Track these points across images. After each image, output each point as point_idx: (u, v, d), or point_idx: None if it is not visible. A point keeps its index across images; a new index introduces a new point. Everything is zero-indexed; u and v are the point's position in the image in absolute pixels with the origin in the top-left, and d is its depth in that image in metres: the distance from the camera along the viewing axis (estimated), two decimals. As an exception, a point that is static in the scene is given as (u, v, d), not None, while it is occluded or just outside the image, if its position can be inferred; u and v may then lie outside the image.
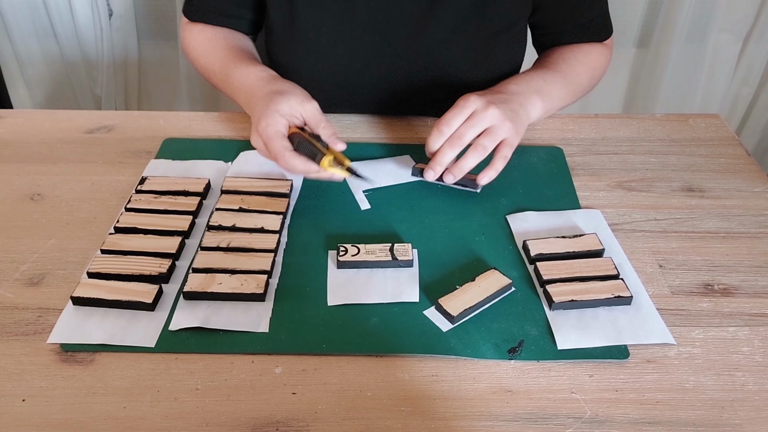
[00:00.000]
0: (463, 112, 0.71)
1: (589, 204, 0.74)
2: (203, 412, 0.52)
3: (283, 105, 0.70)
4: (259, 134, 0.71)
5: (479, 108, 0.71)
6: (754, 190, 0.77)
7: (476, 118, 0.71)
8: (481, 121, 0.70)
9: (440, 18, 0.80)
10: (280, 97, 0.71)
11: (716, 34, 1.56)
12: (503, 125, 0.71)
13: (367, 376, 0.55)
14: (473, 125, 0.70)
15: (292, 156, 0.68)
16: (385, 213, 0.72)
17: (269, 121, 0.69)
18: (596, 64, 0.88)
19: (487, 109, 0.71)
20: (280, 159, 0.68)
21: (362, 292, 0.62)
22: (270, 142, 0.69)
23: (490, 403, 0.53)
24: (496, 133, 0.71)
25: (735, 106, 1.72)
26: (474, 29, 0.81)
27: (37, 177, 0.76)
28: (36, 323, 0.59)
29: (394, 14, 0.81)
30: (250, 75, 0.78)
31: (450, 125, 0.71)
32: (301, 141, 0.70)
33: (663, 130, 0.87)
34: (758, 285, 0.64)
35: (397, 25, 0.81)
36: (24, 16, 1.52)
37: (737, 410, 0.53)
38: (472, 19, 0.81)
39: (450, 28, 0.81)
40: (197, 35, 0.88)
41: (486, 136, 0.71)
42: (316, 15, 0.80)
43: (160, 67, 1.64)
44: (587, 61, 0.87)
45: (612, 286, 0.61)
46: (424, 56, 0.83)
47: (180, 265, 0.64)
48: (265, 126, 0.69)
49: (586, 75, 0.86)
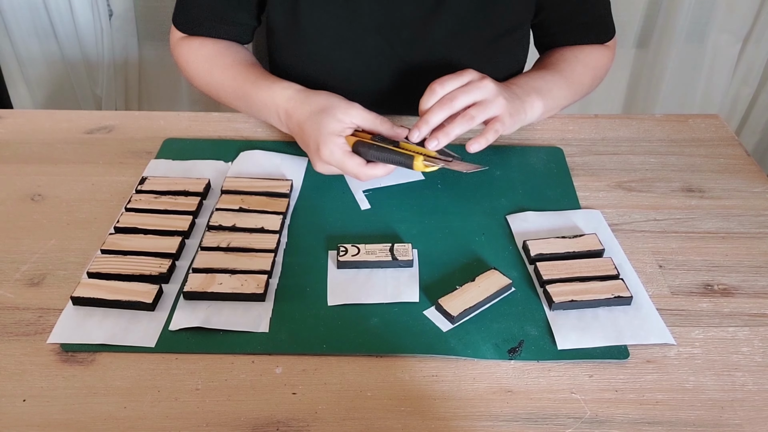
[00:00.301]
0: (460, 78, 0.71)
1: (589, 204, 0.74)
2: (203, 412, 0.52)
3: (333, 124, 0.69)
4: (324, 162, 0.70)
5: (475, 78, 0.71)
6: (754, 191, 0.77)
7: (471, 86, 0.70)
8: (475, 91, 0.70)
9: (443, 21, 0.80)
10: (325, 116, 0.70)
11: (716, 35, 1.56)
12: (496, 100, 0.70)
13: (367, 376, 0.55)
14: (467, 91, 0.70)
15: (370, 168, 0.69)
16: (385, 213, 0.72)
17: (331, 148, 0.69)
18: (598, 65, 0.88)
19: (483, 80, 0.71)
20: (361, 176, 0.69)
21: (362, 293, 0.62)
22: (343, 166, 0.69)
23: (490, 403, 0.53)
24: (488, 107, 0.70)
25: (735, 106, 1.72)
26: (477, 32, 0.81)
27: (38, 177, 0.76)
28: (36, 323, 0.59)
29: (396, 17, 0.80)
30: (275, 94, 0.76)
31: (443, 86, 0.70)
32: (377, 152, 0.69)
33: (663, 130, 0.87)
34: (758, 285, 0.64)
35: (399, 28, 0.81)
36: (24, 17, 1.52)
37: (737, 410, 0.53)
38: (474, 22, 0.81)
39: (453, 31, 0.81)
40: (197, 51, 0.85)
41: (477, 107, 0.70)
42: (319, 17, 0.80)
43: (160, 68, 1.64)
44: (588, 62, 0.86)
45: (612, 287, 0.61)
46: (427, 59, 0.83)
47: (180, 265, 0.65)
48: (330, 154, 0.69)
49: (588, 75, 0.86)
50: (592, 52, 0.87)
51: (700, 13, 1.53)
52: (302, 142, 0.74)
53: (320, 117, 0.70)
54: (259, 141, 0.83)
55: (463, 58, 0.82)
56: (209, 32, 0.85)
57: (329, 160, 0.69)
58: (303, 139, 0.73)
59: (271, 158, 0.79)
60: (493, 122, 0.71)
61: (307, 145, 0.72)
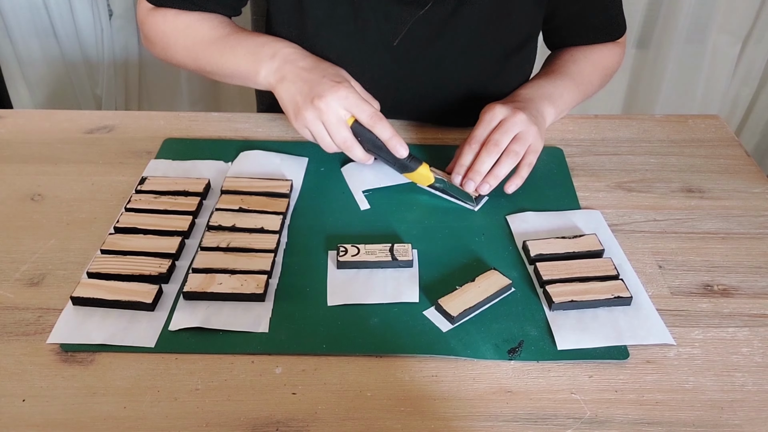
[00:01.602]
0: (491, 123, 0.72)
1: (589, 204, 0.74)
2: (203, 413, 0.52)
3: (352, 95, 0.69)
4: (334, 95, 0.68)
5: (508, 115, 0.72)
6: (754, 191, 0.77)
7: (506, 124, 0.71)
8: (512, 127, 0.71)
9: (451, 40, 0.79)
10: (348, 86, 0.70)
11: (716, 35, 1.57)
12: (530, 130, 0.71)
13: (367, 377, 0.55)
14: (506, 131, 0.71)
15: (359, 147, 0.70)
16: (385, 213, 0.72)
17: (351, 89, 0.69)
18: (607, 63, 0.87)
19: (516, 115, 0.71)
20: (376, 125, 0.69)
21: (362, 293, 0.62)
22: (357, 107, 0.69)
23: (489, 404, 0.53)
24: (525, 139, 0.71)
25: (734, 106, 1.72)
26: (485, 50, 0.80)
27: (38, 177, 0.76)
28: (36, 323, 0.59)
29: (405, 34, 0.79)
30: (277, 41, 0.75)
31: (480, 139, 0.72)
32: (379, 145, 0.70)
33: (663, 130, 0.87)
34: (758, 286, 0.64)
35: (407, 47, 0.79)
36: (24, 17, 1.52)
37: (736, 411, 0.53)
38: (483, 40, 0.79)
39: (461, 49, 0.80)
40: (172, 20, 0.79)
41: (516, 142, 0.71)
42: (326, 35, 0.79)
43: (160, 68, 1.64)
44: (598, 61, 0.86)
45: (612, 287, 0.61)
46: (434, 77, 0.82)
47: (180, 265, 0.65)
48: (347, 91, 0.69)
49: (597, 75, 0.86)
50: (602, 51, 0.87)
51: (700, 13, 1.53)
52: (305, 80, 0.71)
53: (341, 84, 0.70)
54: (259, 141, 0.83)
55: (471, 75, 0.82)
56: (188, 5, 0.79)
57: (341, 97, 0.68)
58: (309, 78, 0.71)
59: (271, 158, 0.79)
60: (526, 155, 0.72)
61: (314, 82, 0.70)
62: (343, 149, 0.71)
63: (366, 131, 0.70)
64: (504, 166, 0.71)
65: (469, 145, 0.72)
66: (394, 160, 0.72)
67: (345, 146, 0.71)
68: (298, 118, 0.71)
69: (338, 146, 0.71)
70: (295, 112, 0.71)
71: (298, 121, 0.71)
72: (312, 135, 0.72)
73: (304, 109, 0.70)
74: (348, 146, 0.71)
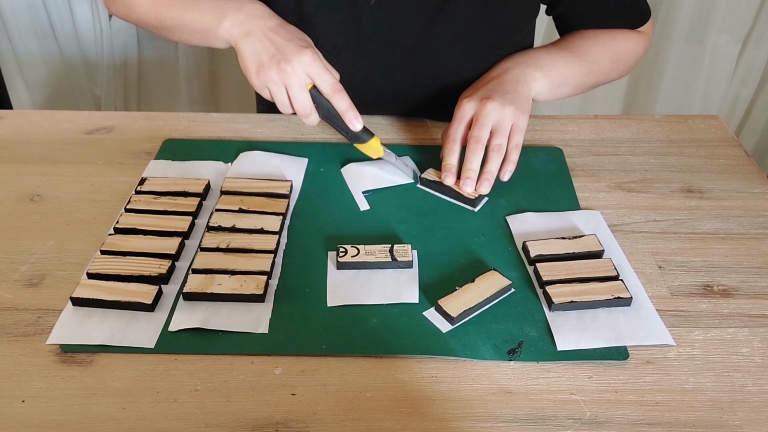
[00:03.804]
0: (464, 120, 0.72)
1: (589, 205, 0.74)
2: (203, 413, 0.52)
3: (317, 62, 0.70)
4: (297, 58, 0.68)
5: (478, 108, 0.72)
6: (754, 191, 0.77)
7: (480, 118, 0.71)
8: (486, 120, 0.71)
9: (445, 26, 0.79)
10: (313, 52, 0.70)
11: (715, 35, 1.57)
12: (505, 113, 0.71)
13: (367, 377, 0.55)
14: (482, 125, 0.71)
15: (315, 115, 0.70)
16: (384, 214, 0.72)
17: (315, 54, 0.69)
18: (621, 48, 0.82)
19: (485, 105, 0.71)
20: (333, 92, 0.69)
21: (362, 293, 0.62)
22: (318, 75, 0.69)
23: (489, 404, 0.53)
24: (504, 126, 0.71)
25: (734, 107, 1.72)
26: (479, 37, 0.81)
27: (37, 178, 0.76)
28: (35, 324, 0.59)
29: (399, 22, 0.80)
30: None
31: (456, 137, 0.72)
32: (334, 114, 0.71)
33: (662, 131, 0.87)
34: (757, 286, 0.64)
35: (402, 34, 0.80)
36: (24, 17, 1.52)
37: (736, 411, 0.53)
38: (477, 28, 0.80)
39: (455, 37, 0.80)
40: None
41: (496, 135, 0.71)
42: (322, 23, 0.79)
43: (159, 68, 1.64)
44: (610, 43, 0.81)
45: (611, 287, 0.61)
46: (429, 64, 0.82)
47: (179, 265, 0.64)
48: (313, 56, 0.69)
49: (606, 56, 0.81)
50: (617, 35, 0.82)
51: (700, 13, 1.53)
52: (272, 40, 0.71)
53: (307, 47, 0.70)
54: (258, 141, 0.83)
55: (465, 63, 0.82)
56: None
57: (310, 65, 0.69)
58: (276, 39, 0.71)
59: (271, 159, 0.79)
60: (512, 136, 0.72)
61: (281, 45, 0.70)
62: (300, 114, 0.72)
63: (323, 99, 0.71)
64: (493, 162, 0.71)
65: (448, 145, 0.73)
66: (347, 131, 0.73)
67: (303, 112, 0.72)
68: (259, 76, 0.71)
69: (295, 110, 0.72)
70: (257, 70, 0.71)
71: (259, 79, 0.71)
72: (270, 94, 0.72)
73: (269, 68, 0.70)
74: (306, 113, 0.72)
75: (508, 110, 0.71)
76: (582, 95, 1.64)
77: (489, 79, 0.77)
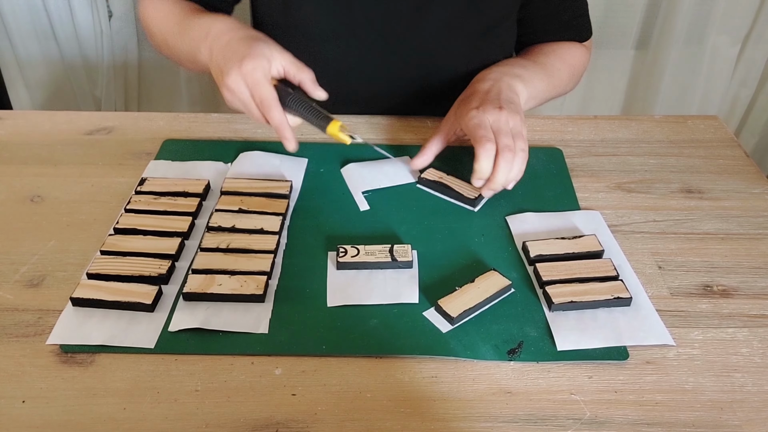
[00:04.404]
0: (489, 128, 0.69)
1: (589, 205, 0.74)
2: (203, 414, 0.52)
3: (268, 51, 0.66)
4: (242, 77, 0.64)
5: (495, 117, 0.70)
6: (753, 192, 0.77)
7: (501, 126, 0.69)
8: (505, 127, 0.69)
9: (435, 12, 0.80)
10: (263, 43, 0.66)
11: (715, 36, 1.57)
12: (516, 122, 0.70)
13: (367, 378, 0.55)
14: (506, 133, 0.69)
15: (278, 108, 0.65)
16: (384, 214, 0.72)
17: (256, 65, 0.63)
18: (575, 62, 0.88)
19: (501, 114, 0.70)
20: (268, 108, 0.65)
21: (362, 294, 0.62)
22: (258, 88, 0.64)
23: (489, 405, 0.53)
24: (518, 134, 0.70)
25: (734, 107, 1.72)
26: (468, 23, 0.82)
27: (37, 179, 0.76)
28: (36, 324, 0.59)
29: (389, 9, 0.80)
30: (216, 22, 0.72)
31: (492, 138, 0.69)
32: (297, 99, 0.67)
33: (662, 131, 0.88)
34: (757, 286, 0.64)
35: (391, 20, 0.81)
36: (24, 18, 1.52)
37: (736, 411, 0.53)
38: (466, 14, 0.81)
39: (444, 23, 0.81)
40: (159, 5, 0.81)
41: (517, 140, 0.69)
42: (310, 10, 0.79)
43: (159, 69, 1.64)
44: (567, 58, 0.87)
45: (611, 288, 0.61)
46: (419, 51, 0.83)
47: (180, 266, 0.65)
48: (252, 70, 0.63)
49: (566, 71, 0.87)
50: (570, 49, 0.88)
51: (699, 14, 1.53)
52: (223, 61, 0.67)
53: (257, 41, 0.67)
54: (258, 142, 0.83)
55: (454, 49, 0.83)
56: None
57: (246, 77, 0.64)
58: (227, 58, 0.66)
59: (271, 159, 0.79)
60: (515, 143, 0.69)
61: (226, 64, 0.66)
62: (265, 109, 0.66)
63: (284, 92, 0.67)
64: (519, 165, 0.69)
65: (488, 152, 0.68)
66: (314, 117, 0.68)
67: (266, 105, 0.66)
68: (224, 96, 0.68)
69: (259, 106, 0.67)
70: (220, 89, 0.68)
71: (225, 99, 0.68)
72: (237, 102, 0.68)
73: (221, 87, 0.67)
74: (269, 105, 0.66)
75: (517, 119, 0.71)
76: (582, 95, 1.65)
77: (486, 90, 0.75)
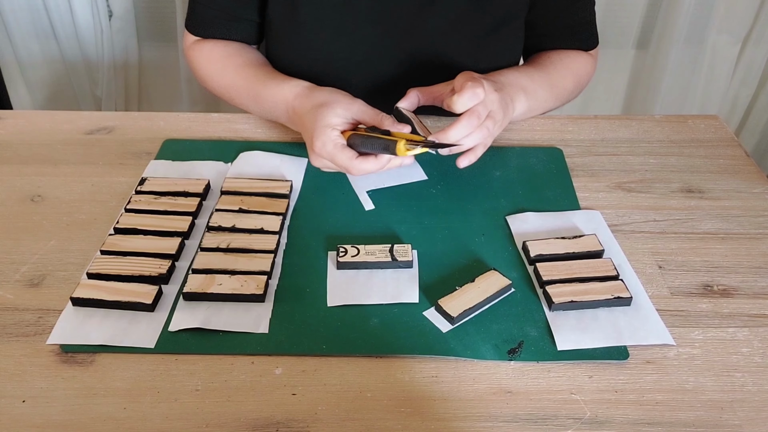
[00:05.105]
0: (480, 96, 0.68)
1: (589, 205, 0.74)
2: (203, 413, 0.52)
3: (330, 118, 0.69)
4: (317, 155, 0.70)
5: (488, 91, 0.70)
6: (753, 191, 0.77)
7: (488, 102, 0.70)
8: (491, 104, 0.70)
9: (441, 10, 0.80)
10: (325, 110, 0.70)
11: (715, 36, 1.57)
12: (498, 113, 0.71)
13: (367, 377, 0.55)
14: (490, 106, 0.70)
15: (361, 162, 0.68)
16: (384, 214, 0.72)
17: (324, 140, 0.68)
18: (581, 72, 0.89)
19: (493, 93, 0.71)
20: (352, 170, 0.68)
21: (362, 293, 0.62)
22: (334, 159, 0.68)
23: (489, 404, 0.53)
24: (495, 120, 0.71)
25: (734, 107, 1.72)
26: (474, 22, 0.82)
27: (38, 178, 0.76)
28: (36, 324, 0.59)
29: (394, 6, 0.80)
30: (284, 91, 0.77)
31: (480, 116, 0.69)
32: (363, 140, 0.68)
33: (662, 131, 0.88)
34: (757, 286, 0.64)
35: (397, 18, 0.81)
36: (24, 18, 1.52)
37: (736, 411, 0.53)
38: (472, 12, 0.81)
39: (450, 21, 0.81)
40: (208, 53, 0.86)
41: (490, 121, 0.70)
42: (317, 8, 0.80)
43: (160, 69, 1.64)
44: (573, 67, 0.87)
45: (611, 287, 0.61)
46: (425, 49, 0.83)
47: (180, 265, 0.65)
48: (321, 145, 0.68)
49: (572, 81, 0.87)
50: (577, 59, 0.88)
51: (700, 14, 1.53)
52: (304, 136, 0.74)
53: (320, 110, 0.70)
54: (258, 142, 0.83)
55: (460, 48, 0.83)
56: (220, 33, 0.86)
57: (321, 153, 0.69)
58: (304, 134, 0.73)
59: (271, 159, 0.79)
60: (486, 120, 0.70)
61: (306, 142, 0.73)
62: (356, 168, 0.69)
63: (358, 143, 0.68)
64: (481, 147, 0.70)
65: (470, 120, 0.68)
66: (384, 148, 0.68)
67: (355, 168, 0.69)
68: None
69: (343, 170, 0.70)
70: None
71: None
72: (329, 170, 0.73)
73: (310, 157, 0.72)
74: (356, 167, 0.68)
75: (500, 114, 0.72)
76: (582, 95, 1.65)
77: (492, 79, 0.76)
